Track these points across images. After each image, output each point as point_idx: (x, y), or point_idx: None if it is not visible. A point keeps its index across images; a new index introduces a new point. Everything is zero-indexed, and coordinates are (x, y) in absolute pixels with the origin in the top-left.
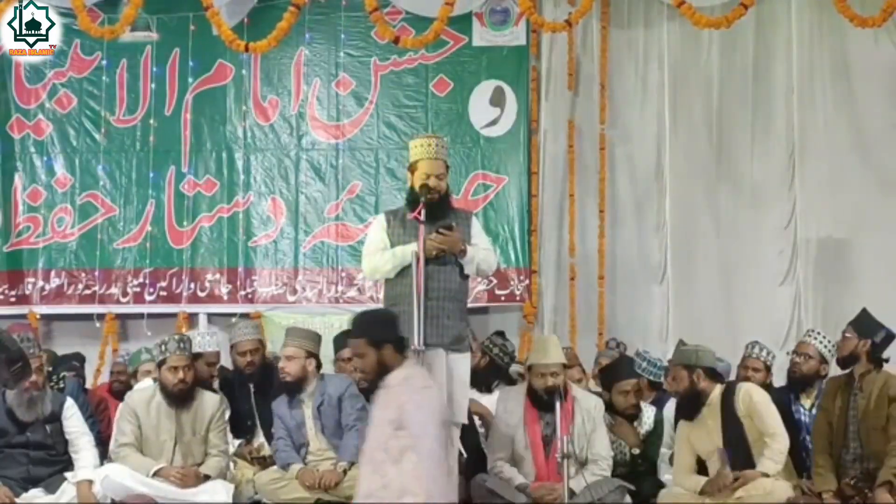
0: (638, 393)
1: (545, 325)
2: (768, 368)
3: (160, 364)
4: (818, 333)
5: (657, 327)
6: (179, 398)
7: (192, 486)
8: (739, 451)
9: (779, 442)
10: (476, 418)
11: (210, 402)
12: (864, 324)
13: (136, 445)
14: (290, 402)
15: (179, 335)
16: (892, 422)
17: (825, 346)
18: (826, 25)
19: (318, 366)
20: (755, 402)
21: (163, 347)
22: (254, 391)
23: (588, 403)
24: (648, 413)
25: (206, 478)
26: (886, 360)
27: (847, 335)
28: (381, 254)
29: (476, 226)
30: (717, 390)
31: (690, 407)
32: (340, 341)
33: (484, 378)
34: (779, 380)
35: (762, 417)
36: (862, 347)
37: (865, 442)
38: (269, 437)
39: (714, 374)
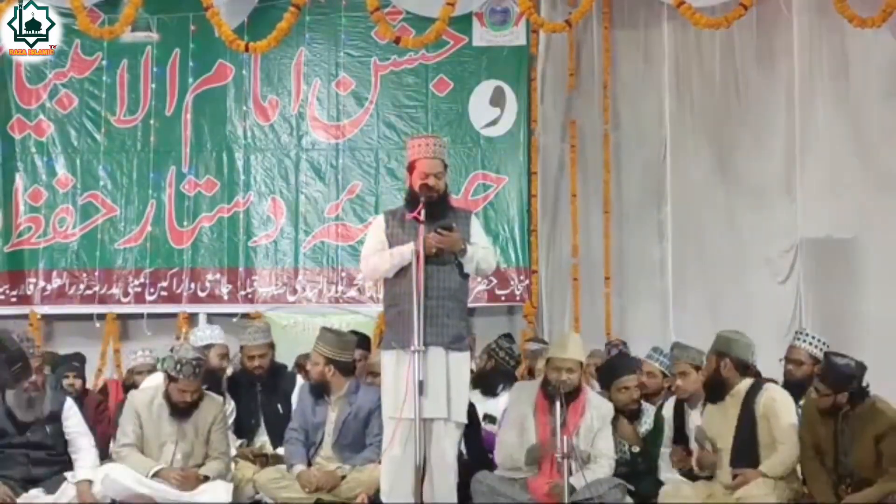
0: (638, 388)
1: (545, 325)
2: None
3: (171, 379)
4: (806, 335)
5: (658, 327)
6: (183, 411)
7: (191, 489)
8: (747, 449)
9: (788, 450)
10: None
11: (211, 404)
12: (834, 379)
13: (137, 445)
14: (315, 396)
15: (196, 359)
16: (885, 458)
17: (815, 347)
18: (826, 25)
19: (350, 370)
20: (776, 403)
21: (178, 367)
22: (260, 391)
23: (599, 403)
24: (648, 412)
25: (206, 479)
26: (867, 389)
27: (822, 393)
28: (380, 254)
29: (476, 225)
30: (743, 383)
31: (712, 392)
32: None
33: (489, 382)
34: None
35: (778, 420)
36: (841, 399)
37: (855, 467)
38: (273, 438)
39: (745, 367)
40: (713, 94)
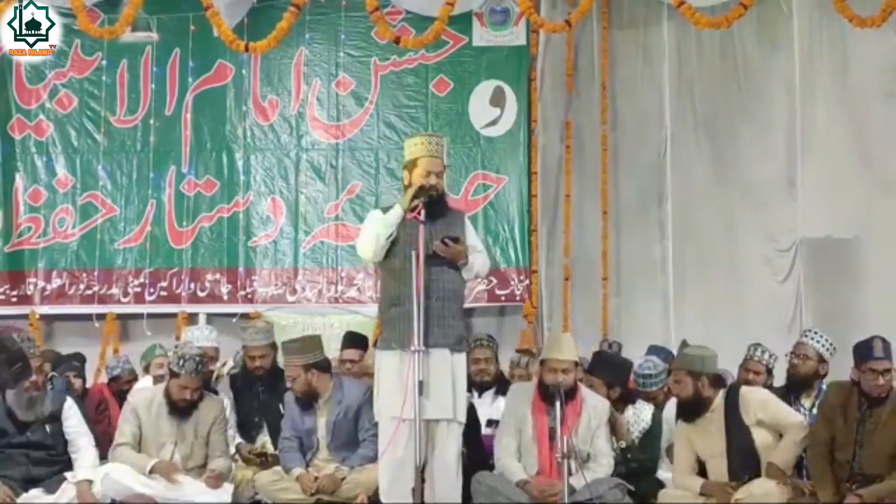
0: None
1: (545, 324)
2: (769, 371)
3: (172, 375)
4: (815, 333)
5: (659, 327)
6: (183, 410)
7: (220, 487)
8: (746, 458)
9: (793, 436)
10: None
11: (212, 405)
12: None
13: (132, 445)
14: (302, 405)
15: (199, 356)
16: None
17: (823, 346)
18: (826, 25)
19: (328, 366)
20: (764, 400)
21: (181, 363)
22: (261, 390)
23: (595, 402)
24: (646, 412)
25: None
26: None
27: (883, 369)
28: (372, 227)
29: (469, 227)
30: (719, 396)
31: (691, 411)
32: (345, 342)
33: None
34: (778, 380)
35: (776, 413)
36: None
37: (867, 465)
38: (275, 438)
39: (718, 380)
40: (713, 93)
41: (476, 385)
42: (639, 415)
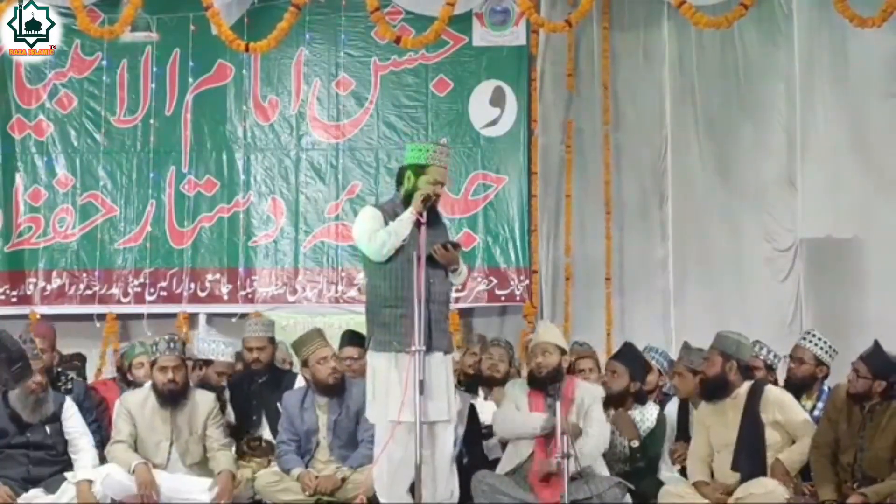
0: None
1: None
2: (769, 368)
3: (152, 364)
4: (813, 336)
5: (659, 327)
6: (170, 398)
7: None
8: (752, 453)
9: (808, 443)
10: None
11: (204, 400)
12: (879, 363)
13: (128, 443)
14: (302, 400)
15: (170, 335)
16: None
17: (822, 349)
18: (826, 25)
19: None
20: (784, 402)
21: (154, 348)
22: (262, 385)
23: (588, 386)
24: (651, 411)
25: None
26: None
27: (861, 374)
28: (384, 230)
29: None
30: (744, 386)
31: (712, 391)
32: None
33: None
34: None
35: (793, 417)
36: (877, 388)
37: (868, 468)
38: (274, 433)
39: (746, 370)
40: (713, 93)
41: (484, 381)
42: (645, 415)
